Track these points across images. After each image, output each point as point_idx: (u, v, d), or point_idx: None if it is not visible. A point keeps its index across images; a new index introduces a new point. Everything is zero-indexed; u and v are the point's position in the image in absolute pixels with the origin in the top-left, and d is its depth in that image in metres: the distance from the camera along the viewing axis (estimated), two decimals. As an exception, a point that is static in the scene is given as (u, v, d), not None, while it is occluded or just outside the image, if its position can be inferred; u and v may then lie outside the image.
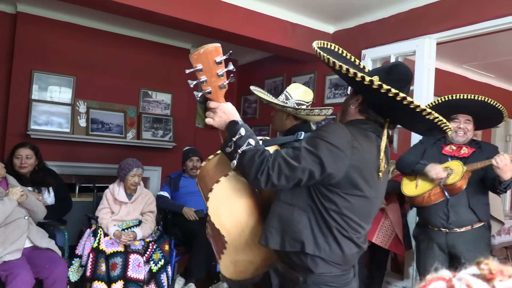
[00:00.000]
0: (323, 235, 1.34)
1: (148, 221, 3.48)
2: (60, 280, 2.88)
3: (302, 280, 1.36)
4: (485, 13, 3.24)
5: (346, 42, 4.41)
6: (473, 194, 2.48)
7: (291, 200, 1.37)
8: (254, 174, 1.27)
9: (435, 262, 2.59)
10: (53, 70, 4.69)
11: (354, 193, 1.33)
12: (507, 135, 7.12)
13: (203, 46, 1.27)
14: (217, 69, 1.30)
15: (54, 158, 4.52)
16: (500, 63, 5.53)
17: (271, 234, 1.38)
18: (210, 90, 1.34)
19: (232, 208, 1.47)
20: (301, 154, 1.28)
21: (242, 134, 1.31)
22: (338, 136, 1.30)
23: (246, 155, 1.28)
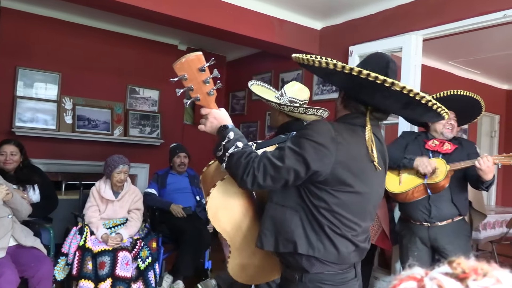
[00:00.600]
0: (315, 234, 1.33)
1: (134, 219, 3.45)
2: (45, 278, 2.84)
3: (298, 278, 1.36)
4: (470, 9, 3.27)
5: (334, 39, 4.42)
6: (455, 190, 2.54)
7: (283, 201, 1.38)
8: (240, 176, 1.30)
9: (418, 256, 2.64)
10: (38, 66, 4.63)
11: (343, 189, 1.33)
12: (492, 131, 7.22)
13: (185, 56, 1.32)
14: (202, 77, 1.34)
15: (40, 156, 4.46)
16: (485, 60, 5.59)
17: (265, 236, 1.39)
18: (198, 97, 1.39)
19: (231, 212, 1.49)
20: (285, 154, 1.29)
21: (230, 137, 1.34)
22: (321, 133, 1.30)
23: (234, 157, 1.31)
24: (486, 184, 2.38)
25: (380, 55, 1.39)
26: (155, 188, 4.02)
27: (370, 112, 1.38)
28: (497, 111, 7.14)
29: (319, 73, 1.41)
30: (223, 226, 1.47)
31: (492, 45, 4.89)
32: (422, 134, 2.73)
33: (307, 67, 1.35)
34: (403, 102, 1.25)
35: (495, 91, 7.05)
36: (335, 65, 1.22)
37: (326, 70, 1.27)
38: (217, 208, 1.46)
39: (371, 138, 1.36)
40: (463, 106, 2.60)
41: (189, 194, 4.08)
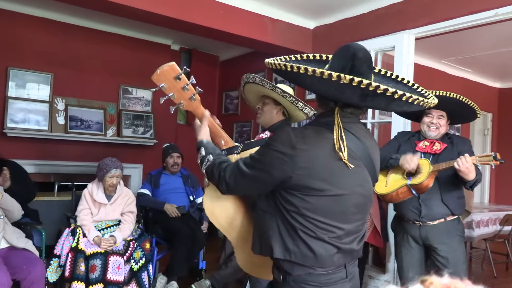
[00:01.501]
0: (291, 238, 1.33)
1: (127, 221, 3.43)
2: (38, 280, 2.82)
3: (282, 278, 1.37)
4: (462, 8, 3.28)
5: (327, 38, 4.42)
6: (446, 189, 2.51)
7: (264, 207, 1.42)
8: (216, 184, 1.44)
9: (411, 254, 2.65)
10: (30, 66, 4.60)
11: (312, 193, 1.30)
12: (485, 129, 7.27)
13: (159, 67, 1.44)
14: (180, 85, 1.46)
15: (32, 157, 4.44)
16: (478, 58, 5.62)
17: (254, 240, 1.46)
18: (182, 103, 1.51)
19: (225, 209, 1.57)
20: (252, 162, 1.36)
21: (202, 154, 1.48)
22: (281, 142, 1.32)
23: (208, 171, 1.46)
24: (469, 184, 2.37)
25: (346, 46, 1.37)
26: (149, 188, 4.00)
27: (341, 108, 1.36)
28: (489, 109, 7.19)
29: (286, 77, 1.41)
30: (221, 223, 1.56)
31: (484, 43, 4.92)
32: (416, 134, 2.71)
33: (276, 72, 1.39)
34: (358, 94, 1.22)
35: (487, 89, 7.10)
36: (292, 67, 1.26)
37: (287, 72, 1.31)
38: (213, 206, 1.55)
39: (339, 135, 1.32)
40: (455, 109, 2.57)
41: (183, 194, 4.06)
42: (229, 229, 1.57)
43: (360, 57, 1.32)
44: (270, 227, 1.37)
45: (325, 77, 1.19)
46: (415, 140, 2.67)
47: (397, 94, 1.19)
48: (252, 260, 1.59)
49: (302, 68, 1.23)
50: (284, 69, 1.30)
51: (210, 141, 1.55)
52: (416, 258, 2.64)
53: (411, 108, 1.31)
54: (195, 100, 1.51)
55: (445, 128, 2.61)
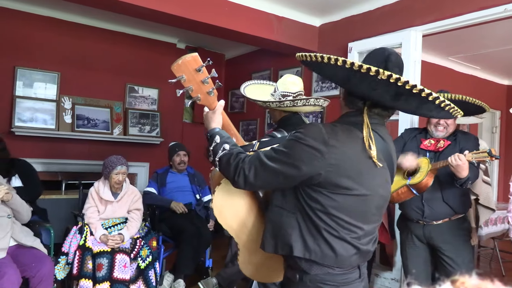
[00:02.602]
0: (312, 236, 1.30)
1: (134, 219, 3.44)
2: (46, 278, 2.84)
3: (298, 278, 1.34)
4: (470, 4, 3.25)
5: (333, 35, 4.40)
6: (447, 188, 2.47)
7: (281, 204, 1.37)
8: (232, 177, 1.34)
9: (416, 253, 2.63)
10: (37, 66, 4.62)
11: (339, 191, 1.28)
12: (493, 126, 7.20)
13: (181, 57, 1.37)
14: (200, 77, 1.38)
15: (39, 155, 4.46)
16: (486, 55, 5.56)
17: (266, 239, 1.40)
18: (199, 97, 1.43)
19: (235, 209, 1.51)
20: (277, 156, 1.30)
21: (217, 141, 1.40)
22: (313, 136, 1.27)
23: (223, 160, 1.37)
24: (460, 182, 2.32)
25: (381, 49, 1.37)
26: (155, 187, 4.01)
27: (368, 108, 1.34)
28: (497, 106, 7.12)
29: (316, 69, 1.39)
30: (229, 223, 1.50)
31: (493, 40, 4.87)
32: (423, 132, 2.67)
33: (307, 64, 1.34)
34: (392, 92, 1.21)
35: (495, 87, 7.03)
36: (329, 58, 1.21)
37: (320, 64, 1.26)
38: (222, 206, 1.49)
39: (368, 134, 1.31)
40: (466, 109, 2.56)
41: (189, 192, 4.07)
42: (239, 230, 1.51)
43: (393, 61, 1.31)
44: (288, 225, 1.33)
45: (363, 70, 1.15)
46: (421, 138, 2.64)
47: (432, 96, 1.18)
48: (254, 260, 1.56)
49: (340, 60, 1.18)
50: (320, 61, 1.23)
51: (224, 131, 1.49)
52: (422, 256, 2.63)
53: (439, 115, 1.33)
54: (212, 95, 1.45)
55: (453, 126, 2.58)
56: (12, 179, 3.33)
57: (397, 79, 1.15)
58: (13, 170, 3.34)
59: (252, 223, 1.53)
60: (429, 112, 1.32)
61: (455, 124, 2.60)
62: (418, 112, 1.37)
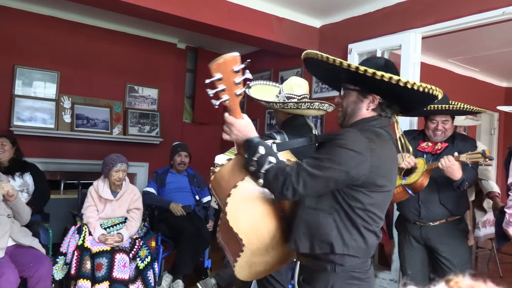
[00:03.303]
0: (349, 233, 1.42)
1: (134, 218, 3.44)
2: (44, 278, 2.84)
3: (331, 269, 1.44)
4: (469, 7, 3.26)
5: (333, 36, 4.41)
6: (444, 190, 2.47)
7: (316, 205, 1.44)
8: (280, 190, 1.37)
9: (412, 253, 2.64)
10: (37, 65, 4.61)
11: (376, 190, 1.43)
12: (492, 128, 7.22)
13: (222, 56, 1.32)
14: (235, 77, 1.35)
15: (38, 155, 4.46)
16: (484, 57, 5.58)
17: (300, 240, 1.46)
18: (228, 98, 1.38)
19: (250, 211, 1.50)
20: (324, 164, 1.37)
21: (262, 153, 1.38)
22: (356, 141, 1.39)
23: (270, 174, 1.37)
24: (456, 185, 2.33)
25: (374, 58, 1.56)
26: (154, 187, 4.01)
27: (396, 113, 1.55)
28: (496, 108, 7.12)
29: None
30: (243, 227, 1.47)
31: (491, 42, 4.88)
32: (421, 134, 2.68)
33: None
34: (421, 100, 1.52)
35: (494, 89, 7.05)
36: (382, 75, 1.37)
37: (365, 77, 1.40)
38: (237, 209, 1.46)
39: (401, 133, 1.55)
40: (459, 112, 2.59)
41: (189, 193, 4.07)
42: (251, 233, 1.48)
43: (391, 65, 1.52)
44: (326, 225, 1.42)
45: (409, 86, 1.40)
46: (420, 140, 2.65)
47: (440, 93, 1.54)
48: (255, 261, 1.55)
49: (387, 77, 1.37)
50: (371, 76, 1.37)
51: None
52: (419, 257, 2.64)
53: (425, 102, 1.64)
54: (240, 96, 1.40)
55: (451, 130, 2.59)
56: (25, 175, 3.46)
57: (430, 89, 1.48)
58: (27, 169, 3.49)
59: (266, 227, 1.52)
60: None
61: (452, 127, 2.60)
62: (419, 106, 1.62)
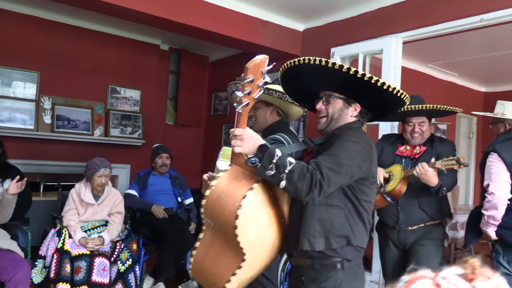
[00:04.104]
0: (357, 225, 1.52)
1: (115, 222, 3.40)
2: (22, 282, 2.79)
3: (340, 267, 1.49)
4: (449, 13, 3.33)
5: (316, 40, 4.44)
6: (423, 195, 2.47)
7: (327, 201, 1.49)
8: (307, 189, 1.36)
9: (391, 257, 2.65)
10: (16, 65, 4.53)
11: (372, 181, 1.57)
12: (470, 132, 7.37)
13: (256, 57, 1.28)
14: (260, 81, 1.31)
15: (18, 156, 4.36)
16: (463, 62, 5.70)
17: (314, 238, 1.49)
18: (248, 103, 1.32)
19: (259, 223, 1.45)
20: (341, 160, 1.43)
21: (279, 155, 1.36)
22: (362, 139, 1.55)
23: (295, 173, 1.35)
24: (434, 190, 2.35)
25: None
26: (136, 189, 3.97)
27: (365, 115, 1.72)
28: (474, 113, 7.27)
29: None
30: (249, 239, 1.39)
31: (470, 48, 4.99)
32: (400, 138, 2.69)
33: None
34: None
35: (472, 93, 7.20)
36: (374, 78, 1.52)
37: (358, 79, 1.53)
38: (247, 221, 1.37)
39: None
40: (435, 113, 2.60)
41: (171, 195, 4.05)
42: (254, 244, 1.42)
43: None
44: (340, 219, 1.50)
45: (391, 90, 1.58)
46: (398, 144, 2.65)
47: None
48: (245, 277, 1.49)
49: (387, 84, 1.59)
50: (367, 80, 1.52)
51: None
52: (398, 261, 2.64)
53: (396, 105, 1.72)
54: (256, 100, 1.37)
55: (429, 131, 2.61)
56: (5, 182, 3.30)
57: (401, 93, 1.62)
58: (9, 174, 3.30)
59: (270, 236, 1.49)
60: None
61: (430, 130, 2.62)
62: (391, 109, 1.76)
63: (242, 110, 1.34)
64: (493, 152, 2.43)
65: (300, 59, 1.55)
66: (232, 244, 1.38)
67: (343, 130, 1.59)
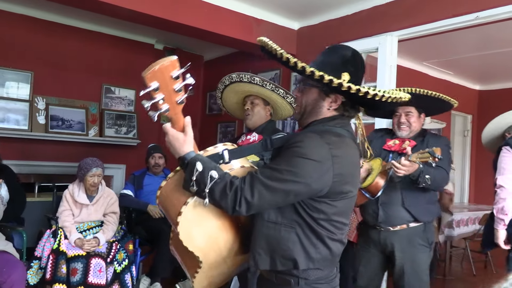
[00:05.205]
0: (314, 246, 1.31)
1: (111, 222, 3.38)
2: (18, 283, 2.76)
3: (294, 283, 1.32)
4: (444, 11, 3.34)
5: (311, 39, 4.44)
6: (408, 192, 2.33)
7: (276, 219, 1.32)
8: (231, 207, 1.23)
9: (367, 259, 2.49)
10: (10, 65, 4.49)
11: (340, 197, 1.32)
12: (465, 130, 7.41)
13: (157, 62, 1.14)
14: (174, 84, 1.18)
15: (11, 157, 4.33)
16: (458, 61, 5.73)
17: (259, 256, 1.34)
18: (168, 108, 1.20)
19: (206, 228, 1.37)
20: (282, 176, 1.23)
21: (199, 169, 1.21)
22: (317, 149, 1.25)
23: (215, 192, 1.22)
24: (413, 177, 2.19)
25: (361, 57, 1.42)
26: (131, 189, 3.95)
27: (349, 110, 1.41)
28: (469, 111, 7.33)
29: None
30: (198, 245, 1.34)
31: (465, 46, 5.02)
32: (390, 132, 2.56)
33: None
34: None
35: (467, 91, 7.24)
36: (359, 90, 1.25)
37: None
38: (191, 227, 1.32)
39: (364, 136, 1.45)
40: (425, 104, 2.41)
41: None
42: (208, 249, 1.38)
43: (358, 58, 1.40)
44: (288, 239, 1.30)
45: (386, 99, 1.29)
46: (387, 138, 2.51)
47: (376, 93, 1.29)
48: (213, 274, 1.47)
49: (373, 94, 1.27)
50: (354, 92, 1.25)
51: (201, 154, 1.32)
52: (374, 264, 2.47)
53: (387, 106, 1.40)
54: (182, 104, 1.23)
55: (418, 124, 2.43)
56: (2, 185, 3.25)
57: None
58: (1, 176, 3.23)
59: (223, 240, 1.42)
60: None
61: (419, 122, 2.45)
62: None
63: (170, 114, 1.23)
64: (506, 145, 2.38)
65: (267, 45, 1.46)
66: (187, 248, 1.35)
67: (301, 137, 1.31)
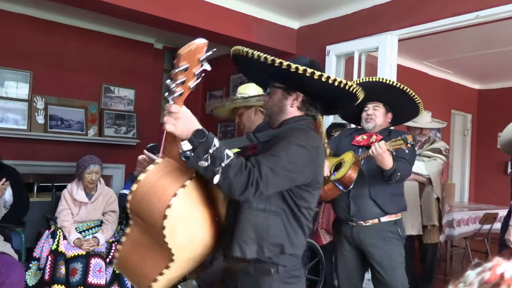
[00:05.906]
0: (295, 233, 1.42)
1: (110, 221, 3.37)
2: (17, 284, 2.75)
3: (274, 271, 1.38)
4: (444, 10, 3.33)
5: (311, 38, 4.43)
6: (374, 184, 2.32)
7: (264, 206, 1.37)
8: (243, 187, 1.21)
9: (343, 257, 2.47)
10: (9, 64, 4.48)
11: (317, 187, 1.46)
12: (465, 129, 7.40)
13: (192, 42, 1.12)
14: (197, 68, 1.17)
15: (10, 157, 4.31)
16: (458, 60, 5.72)
17: (246, 245, 1.36)
18: (182, 92, 1.16)
19: (190, 223, 1.32)
20: (283, 163, 1.31)
21: (217, 145, 1.18)
22: (311, 142, 1.39)
23: (231, 168, 1.19)
24: (387, 175, 2.18)
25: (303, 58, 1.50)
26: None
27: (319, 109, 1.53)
28: (469, 110, 7.32)
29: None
30: (179, 241, 1.28)
31: (465, 45, 5.00)
32: (359, 130, 2.57)
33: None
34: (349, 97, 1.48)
35: (467, 91, 7.23)
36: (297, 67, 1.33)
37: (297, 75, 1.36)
38: (177, 221, 1.25)
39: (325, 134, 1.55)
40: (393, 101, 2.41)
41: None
42: (183, 247, 1.31)
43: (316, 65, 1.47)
44: (276, 226, 1.38)
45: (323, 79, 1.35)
46: (355, 135, 2.52)
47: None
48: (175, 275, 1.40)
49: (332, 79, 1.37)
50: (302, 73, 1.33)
51: None
52: (350, 261, 2.46)
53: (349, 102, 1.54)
54: (190, 90, 1.20)
55: (382, 119, 2.43)
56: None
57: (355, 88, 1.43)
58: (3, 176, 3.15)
59: (202, 236, 1.37)
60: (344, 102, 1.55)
61: (385, 119, 2.45)
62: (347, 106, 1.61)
63: (177, 101, 1.18)
64: None
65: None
66: (160, 243, 1.28)
67: (290, 131, 1.42)
